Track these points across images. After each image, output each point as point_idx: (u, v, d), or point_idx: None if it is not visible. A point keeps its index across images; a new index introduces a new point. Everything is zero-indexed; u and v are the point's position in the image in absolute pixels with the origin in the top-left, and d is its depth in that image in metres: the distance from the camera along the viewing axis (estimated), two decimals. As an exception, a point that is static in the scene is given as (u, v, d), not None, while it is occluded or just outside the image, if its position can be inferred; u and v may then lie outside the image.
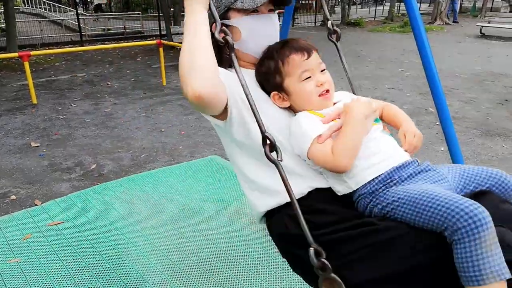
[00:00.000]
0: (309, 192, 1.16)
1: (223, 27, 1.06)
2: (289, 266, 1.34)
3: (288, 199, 1.05)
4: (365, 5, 30.98)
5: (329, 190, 1.18)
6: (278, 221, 1.20)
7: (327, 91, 1.20)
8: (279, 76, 1.19)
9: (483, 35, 14.21)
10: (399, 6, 23.16)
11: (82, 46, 11.29)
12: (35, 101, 5.78)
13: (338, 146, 1.09)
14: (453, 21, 18.68)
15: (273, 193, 1.19)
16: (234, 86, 1.14)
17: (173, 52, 10.41)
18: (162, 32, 13.28)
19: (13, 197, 3.17)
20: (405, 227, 1.01)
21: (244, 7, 1.21)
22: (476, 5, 23.99)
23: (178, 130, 4.72)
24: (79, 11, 13.83)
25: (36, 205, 3.00)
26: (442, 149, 4.12)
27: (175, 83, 7.20)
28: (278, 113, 1.22)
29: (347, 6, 19.26)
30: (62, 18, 15.31)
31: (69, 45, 11.92)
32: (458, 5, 19.42)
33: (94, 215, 2.76)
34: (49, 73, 8.03)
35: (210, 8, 1.09)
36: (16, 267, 2.24)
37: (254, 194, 1.26)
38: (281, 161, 1.01)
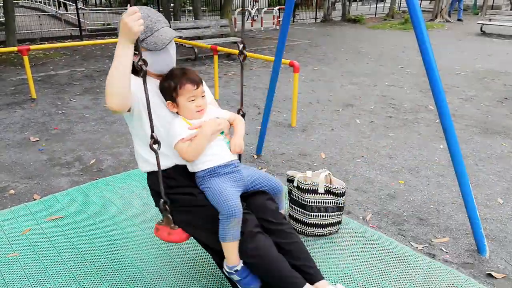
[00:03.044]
0: (173, 166, 1.86)
1: (143, 58, 1.53)
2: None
3: (157, 168, 1.75)
4: (366, 2, 30.87)
5: (184, 167, 1.87)
6: (151, 180, 1.94)
7: (202, 110, 1.82)
8: (175, 93, 1.76)
9: (483, 33, 14.18)
10: (400, 3, 23.09)
11: (82, 40, 11.25)
12: (34, 96, 5.77)
13: (190, 147, 1.74)
14: (458, 19, 18.58)
15: (149, 163, 1.87)
16: (139, 92, 1.67)
17: (173, 48, 10.37)
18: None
19: (12, 191, 3.17)
20: (208, 202, 1.77)
21: (148, 48, 1.72)
22: (477, 3, 23.92)
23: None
24: (78, 6, 13.75)
25: (35, 199, 3.00)
26: (442, 146, 4.12)
27: (174, 78, 7.18)
28: (166, 114, 1.82)
29: (347, 3, 19.21)
30: (61, 12, 15.25)
31: (69, 40, 11.88)
32: (463, 3, 19.24)
33: (93, 210, 2.76)
34: (48, 68, 8.01)
35: (137, 42, 1.52)
36: (15, 261, 2.24)
37: (139, 160, 1.94)
38: (159, 150, 1.67)
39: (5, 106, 5.40)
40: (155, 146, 1.65)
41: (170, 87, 1.75)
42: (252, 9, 16.76)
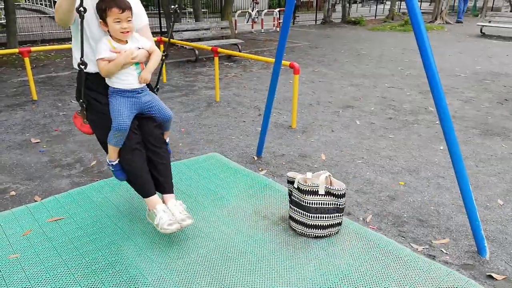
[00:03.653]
0: (95, 73, 2.24)
1: (82, 6, 1.99)
2: (290, 265, 2.21)
3: (84, 71, 2.21)
4: (366, 3, 30.91)
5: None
6: (78, 76, 2.32)
7: (128, 32, 2.17)
8: (104, 14, 2.11)
9: (483, 35, 14.20)
10: (400, 5, 23.13)
11: (82, 42, 11.23)
12: (35, 97, 5.78)
13: (105, 67, 2.16)
14: (456, 21, 18.57)
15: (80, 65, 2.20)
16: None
17: (174, 49, 10.40)
18: (163, 29, 13.27)
19: (13, 193, 3.17)
20: (109, 112, 2.27)
21: None
22: (477, 5, 23.95)
23: (178, 127, 4.73)
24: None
25: (36, 201, 3.00)
26: (442, 148, 4.13)
27: (175, 80, 7.20)
28: (99, 32, 2.20)
29: (347, 5, 19.23)
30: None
31: (70, 42, 11.88)
32: (467, 5, 19.19)
33: (94, 211, 2.77)
34: (49, 70, 8.03)
35: None
36: (16, 262, 2.24)
37: (73, 58, 2.32)
38: (85, 68, 2.18)
39: (6, 108, 5.41)
40: (82, 66, 2.16)
41: (101, 8, 2.12)
42: (252, 11, 16.78)
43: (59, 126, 4.72)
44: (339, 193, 2.43)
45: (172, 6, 2.60)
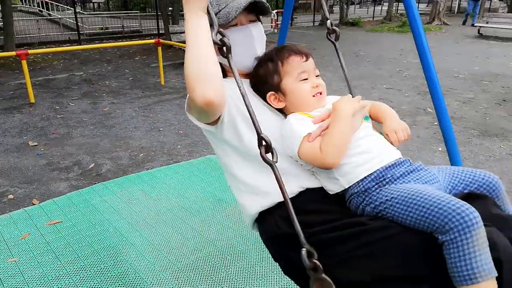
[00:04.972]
0: (300, 192, 1.17)
1: (220, 29, 1.04)
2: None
3: (279, 199, 1.12)
4: (364, 5, 31.01)
5: (320, 190, 1.19)
6: (270, 223, 1.20)
7: (321, 93, 1.25)
8: (277, 76, 1.23)
9: (481, 36, 14.24)
10: (398, 6, 23.19)
11: (80, 45, 11.26)
12: (32, 100, 5.76)
13: (325, 143, 1.09)
14: (471, 24, 18.28)
15: (265, 194, 1.20)
16: (228, 92, 1.18)
17: (172, 51, 10.39)
18: (161, 31, 13.27)
19: (11, 196, 3.16)
20: (397, 227, 1.00)
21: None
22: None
23: (177, 129, 4.72)
24: (77, 10, 13.77)
25: (34, 204, 2.99)
26: (440, 149, 4.13)
27: (173, 82, 7.19)
28: (269, 118, 1.25)
29: (345, 6, 19.29)
30: (60, 16, 15.27)
31: (67, 44, 11.88)
32: (478, 8, 19.04)
33: (92, 215, 2.76)
34: (47, 72, 8.01)
35: (208, 11, 1.07)
36: (14, 266, 2.23)
37: (244, 196, 1.27)
38: (276, 162, 1.01)
39: (4, 111, 5.39)
40: (269, 156, 1.01)
41: (268, 70, 1.23)
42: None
43: (57, 129, 4.70)
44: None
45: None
